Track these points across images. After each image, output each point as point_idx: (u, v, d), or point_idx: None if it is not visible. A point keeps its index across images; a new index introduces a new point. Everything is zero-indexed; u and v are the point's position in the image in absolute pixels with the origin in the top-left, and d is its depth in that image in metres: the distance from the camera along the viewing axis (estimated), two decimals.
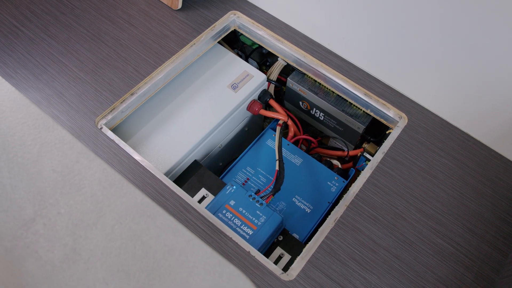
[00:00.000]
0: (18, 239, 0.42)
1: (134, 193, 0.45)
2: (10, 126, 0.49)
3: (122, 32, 0.98)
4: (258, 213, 0.85)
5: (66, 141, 0.48)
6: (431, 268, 0.75)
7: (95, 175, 0.46)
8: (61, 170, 0.46)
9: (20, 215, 0.43)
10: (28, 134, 0.49)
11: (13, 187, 0.45)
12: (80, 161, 0.47)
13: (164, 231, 0.43)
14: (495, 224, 0.80)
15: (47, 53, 0.94)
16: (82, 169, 0.46)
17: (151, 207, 0.44)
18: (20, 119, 0.50)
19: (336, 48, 0.98)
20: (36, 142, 0.48)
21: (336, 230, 0.78)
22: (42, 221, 0.43)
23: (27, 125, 0.50)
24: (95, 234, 0.42)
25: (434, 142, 0.88)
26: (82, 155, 0.47)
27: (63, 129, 0.49)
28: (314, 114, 1.11)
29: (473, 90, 0.86)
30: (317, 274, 0.74)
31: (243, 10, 1.04)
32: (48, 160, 0.47)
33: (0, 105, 0.51)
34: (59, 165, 0.46)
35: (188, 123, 0.95)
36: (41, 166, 0.46)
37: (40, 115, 0.51)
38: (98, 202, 0.44)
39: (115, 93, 0.90)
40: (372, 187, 0.83)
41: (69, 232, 0.42)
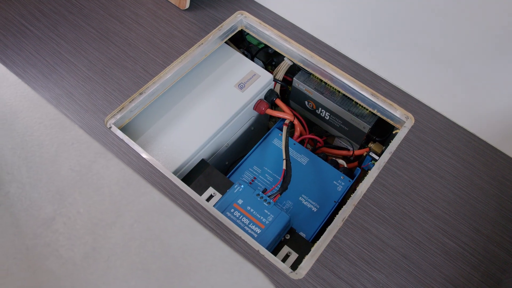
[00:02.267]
0: (39, 237, 0.42)
1: (152, 193, 0.45)
2: (27, 126, 0.50)
3: (130, 31, 0.98)
4: (266, 212, 0.86)
5: (83, 141, 0.49)
6: (438, 268, 0.76)
7: (113, 174, 0.47)
8: (79, 169, 0.47)
9: (40, 214, 0.44)
10: (45, 134, 0.49)
11: (32, 186, 0.46)
12: (97, 161, 0.47)
13: (182, 230, 0.43)
14: (501, 224, 0.80)
15: (56, 53, 0.94)
16: (100, 169, 0.47)
17: (169, 207, 0.45)
18: (37, 119, 0.51)
19: (343, 48, 0.98)
20: (54, 142, 0.49)
21: (345, 229, 0.79)
22: (62, 220, 0.43)
23: (44, 125, 0.50)
24: (114, 233, 0.42)
25: (440, 142, 0.88)
26: (99, 155, 0.48)
27: (80, 129, 0.49)
28: (319, 113, 1.12)
29: (479, 91, 0.86)
30: (326, 273, 0.74)
31: (250, 10, 1.04)
32: (66, 159, 0.47)
33: (18, 105, 0.51)
34: (77, 164, 0.47)
35: (195, 122, 0.96)
36: (59, 165, 0.47)
37: (57, 115, 0.51)
38: (116, 201, 0.44)
39: (124, 93, 0.90)
40: (380, 187, 0.83)
41: (88, 231, 0.43)
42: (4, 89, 0.53)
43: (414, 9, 0.83)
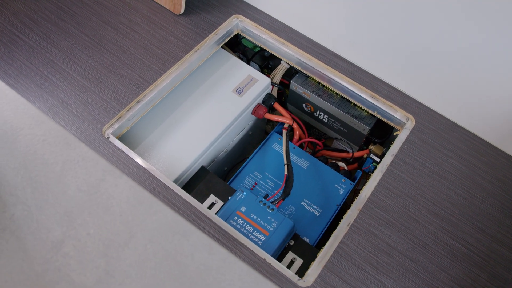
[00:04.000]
0: (49, 262, 0.41)
1: (164, 211, 0.44)
2: (30, 144, 0.48)
3: (125, 38, 0.97)
4: (269, 219, 0.85)
5: (90, 158, 0.47)
6: (445, 269, 0.76)
7: (122, 193, 0.45)
8: (87, 189, 0.45)
9: (48, 237, 0.42)
10: (49, 152, 0.48)
11: (39, 208, 0.44)
12: (106, 179, 0.46)
13: (198, 249, 0.42)
14: (505, 223, 0.81)
15: (49, 62, 0.92)
16: (108, 187, 0.45)
17: (183, 225, 0.43)
18: (40, 136, 0.49)
19: (341, 51, 0.98)
20: (58, 160, 0.47)
21: (351, 234, 0.78)
22: (72, 243, 0.42)
23: (48, 143, 0.48)
24: (127, 254, 0.41)
25: (442, 143, 0.88)
26: (107, 173, 0.46)
27: (86, 146, 0.48)
28: (317, 116, 1.11)
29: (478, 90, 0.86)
30: (334, 279, 0.74)
31: (246, 13, 1.03)
32: (72, 178, 0.46)
33: (18, 122, 0.50)
34: (85, 183, 0.45)
35: (194, 130, 0.94)
36: (65, 185, 0.45)
37: (61, 132, 0.49)
38: (128, 221, 0.43)
39: (121, 101, 0.88)
40: (384, 190, 0.83)
41: (100, 253, 0.41)
42: (3, 106, 0.51)
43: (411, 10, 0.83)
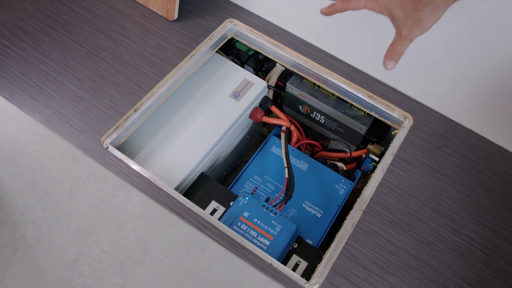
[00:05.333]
0: (64, 282, 0.40)
1: (178, 224, 0.43)
2: (36, 161, 0.47)
3: (119, 46, 0.95)
4: (273, 223, 0.85)
5: (99, 173, 0.47)
6: (450, 266, 0.77)
7: (134, 207, 0.45)
8: (98, 204, 0.44)
9: (62, 256, 0.41)
10: (57, 169, 0.47)
11: (50, 227, 0.43)
12: (117, 194, 0.45)
13: (215, 261, 0.42)
14: (505, 217, 0.82)
15: (42, 72, 0.90)
16: (120, 202, 0.45)
17: (199, 238, 0.43)
18: (47, 153, 0.48)
19: (336, 52, 0.98)
20: (67, 176, 0.46)
21: (355, 235, 0.79)
22: (87, 261, 0.41)
23: (55, 159, 0.48)
24: (144, 270, 0.41)
25: (440, 140, 0.89)
26: (118, 187, 0.46)
27: (94, 161, 0.47)
28: (314, 117, 1.12)
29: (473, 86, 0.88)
30: (341, 281, 0.74)
31: (240, 17, 1.03)
32: (83, 195, 0.45)
33: (23, 139, 0.49)
34: (96, 199, 0.45)
35: (193, 136, 0.94)
36: (76, 202, 0.45)
37: (68, 147, 0.49)
38: (142, 236, 0.43)
39: (118, 110, 0.87)
40: (386, 189, 0.83)
41: (116, 270, 0.41)
42: (6, 123, 0.50)
43: None
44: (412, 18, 0.56)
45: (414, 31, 0.58)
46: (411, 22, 0.57)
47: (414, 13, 0.56)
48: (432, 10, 0.55)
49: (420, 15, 0.56)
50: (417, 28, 0.57)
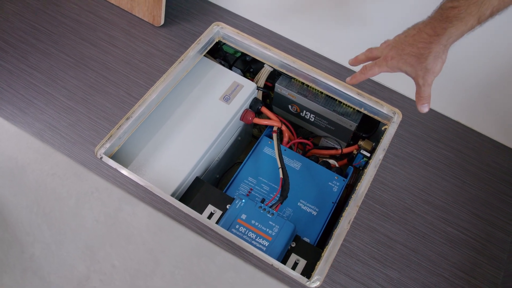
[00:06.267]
0: None
1: (186, 235, 0.44)
2: (39, 180, 0.47)
3: (107, 54, 0.95)
4: (270, 224, 0.86)
5: (103, 188, 0.47)
6: (445, 256, 0.79)
7: (141, 221, 0.45)
8: (105, 219, 0.45)
9: (73, 274, 0.41)
10: (61, 186, 0.47)
11: (58, 244, 0.43)
12: (122, 208, 0.46)
13: (225, 269, 0.42)
14: (496, 206, 0.84)
15: (30, 85, 0.89)
16: (126, 216, 0.45)
17: (207, 247, 0.44)
18: (48, 170, 0.48)
19: (324, 51, 0.99)
20: (71, 193, 0.46)
21: (352, 231, 0.80)
22: (98, 277, 0.41)
23: (58, 176, 0.48)
24: (156, 282, 0.41)
25: (429, 133, 0.91)
26: (123, 201, 0.46)
27: (97, 176, 0.47)
28: (304, 116, 1.13)
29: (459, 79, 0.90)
30: (342, 278, 0.76)
31: (226, 20, 1.03)
32: (88, 210, 0.45)
33: (24, 158, 0.48)
34: (102, 214, 0.45)
35: (186, 141, 0.94)
36: (82, 218, 0.45)
37: (69, 164, 0.49)
38: (151, 249, 0.43)
39: (110, 120, 0.87)
40: (379, 185, 0.85)
41: (128, 284, 0.41)
42: (5, 142, 0.49)
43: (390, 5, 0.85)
44: (421, 69, 0.63)
45: (427, 78, 0.64)
46: (422, 72, 0.63)
47: (420, 65, 0.62)
48: (434, 58, 0.60)
49: (427, 65, 0.61)
50: (429, 75, 0.63)
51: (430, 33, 0.56)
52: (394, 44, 0.64)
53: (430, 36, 0.57)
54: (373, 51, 0.71)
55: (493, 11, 0.51)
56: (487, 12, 0.51)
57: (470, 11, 0.51)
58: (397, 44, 0.64)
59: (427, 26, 0.57)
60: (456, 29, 0.54)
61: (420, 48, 0.59)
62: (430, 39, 0.57)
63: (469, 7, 0.51)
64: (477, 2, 0.50)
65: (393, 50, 0.64)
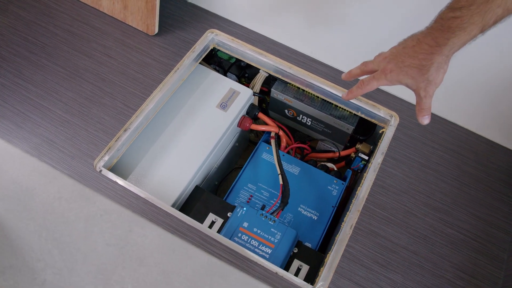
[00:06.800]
0: None
1: (199, 255, 0.44)
2: (46, 203, 0.47)
3: (102, 65, 0.94)
4: (272, 231, 0.86)
5: (112, 210, 0.47)
6: (447, 258, 0.80)
7: (152, 242, 0.45)
8: (116, 242, 0.44)
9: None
10: (68, 209, 0.46)
11: (70, 270, 0.43)
12: (133, 230, 0.45)
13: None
14: (495, 206, 0.86)
15: (25, 99, 0.88)
16: (137, 238, 0.45)
17: (220, 266, 0.44)
18: (55, 193, 0.47)
19: (319, 55, 0.99)
20: (80, 216, 0.46)
21: (355, 236, 0.81)
22: None
23: (65, 199, 0.47)
24: None
25: (426, 136, 0.92)
26: (133, 223, 0.46)
27: (105, 198, 0.47)
28: (300, 120, 1.13)
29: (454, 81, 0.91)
30: (346, 283, 0.76)
31: (220, 27, 1.03)
32: (98, 234, 0.45)
33: (29, 181, 0.48)
34: (112, 237, 0.45)
35: (185, 150, 0.94)
36: (93, 241, 0.44)
37: (75, 186, 0.48)
38: (164, 270, 0.43)
39: (108, 132, 0.86)
40: (379, 189, 0.86)
41: None
42: (9, 165, 0.49)
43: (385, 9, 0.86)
44: (422, 81, 0.61)
45: (429, 89, 0.62)
46: (423, 84, 0.61)
47: (422, 77, 0.60)
48: (437, 69, 0.59)
49: (429, 77, 0.60)
50: (431, 87, 0.62)
51: (432, 43, 0.56)
52: (392, 57, 0.63)
53: (432, 47, 0.56)
54: (368, 65, 0.70)
55: (497, 20, 0.51)
56: (490, 21, 0.51)
57: (473, 20, 0.51)
58: (395, 56, 0.62)
59: (427, 37, 0.57)
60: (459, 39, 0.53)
61: (421, 59, 0.58)
62: (432, 49, 0.56)
63: (472, 17, 0.50)
64: (480, 11, 0.50)
65: (391, 62, 0.63)
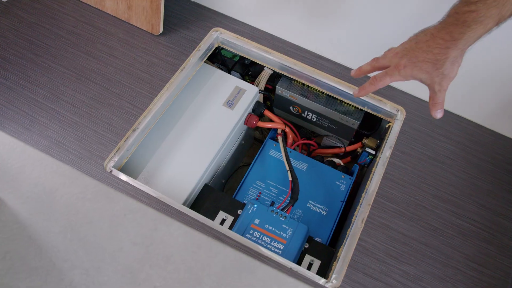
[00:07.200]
0: None
1: (225, 251, 0.44)
2: (69, 204, 0.47)
3: (107, 66, 0.94)
4: (284, 227, 0.87)
5: (136, 209, 0.47)
6: (458, 249, 0.81)
7: (178, 239, 0.45)
8: (142, 241, 0.45)
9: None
10: (92, 210, 0.46)
11: (97, 269, 0.43)
12: (158, 228, 0.46)
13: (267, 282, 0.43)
14: (502, 196, 0.87)
15: (32, 101, 0.88)
16: (163, 237, 0.45)
17: (247, 262, 0.44)
18: (78, 194, 0.48)
19: (324, 51, 1.00)
20: (104, 216, 0.46)
21: (367, 230, 0.81)
22: None
23: (88, 200, 0.47)
24: None
25: (433, 129, 0.93)
26: (158, 222, 0.46)
27: (128, 197, 0.47)
28: (306, 116, 1.13)
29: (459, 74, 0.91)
30: (360, 276, 0.77)
31: (224, 25, 1.03)
32: (124, 233, 0.45)
33: (50, 183, 0.48)
34: (138, 236, 0.45)
35: (193, 149, 0.94)
36: (119, 241, 0.45)
37: (98, 186, 0.48)
38: (191, 267, 0.43)
39: (117, 132, 0.86)
40: (389, 182, 0.86)
41: None
42: (30, 167, 0.49)
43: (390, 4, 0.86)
44: (437, 75, 0.61)
45: (444, 84, 0.62)
46: (438, 78, 0.61)
47: (437, 71, 0.60)
48: (452, 64, 0.59)
49: (443, 71, 0.60)
50: (445, 81, 0.62)
51: (447, 38, 0.56)
52: (405, 52, 0.63)
53: (447, 41, 0.56)
54: (379, 61, 0.69)
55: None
56: (507, 14, 0.51)
57: (490, 14, 0.51)
58: (408, 51, 0.62)
59: (441, 31, 0.57)
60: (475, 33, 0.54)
61: (436, 54, 0.58)
62: (447, 44, 0.56)
63: (488, 10, 0.51)
64: (498, 4, 0.50)
65: (404, 58, 0.62)
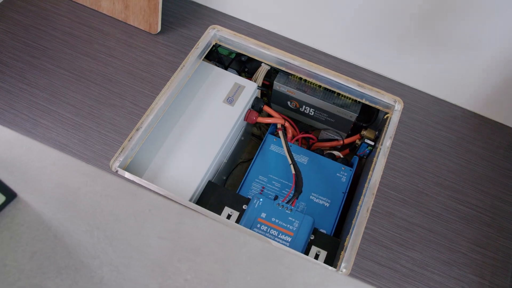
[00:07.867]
0: None
1: (252, 241, 0.45)
2: (93, 203, 0.47)
3: (107, 66, 0.93)
4: (290, 219, 0.88)
5: (160, 205, 0.47)
6: (460, 233, 0.83)
7: (205, 232, 0.46)
8: (168, 235, 0.45)
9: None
10: (116, 207, 0.47)
11: (126, 265, 0.43)
12: (183, 222, 0.46)
13: (294, 270, 0.44)
14: (500, 181, 0.89)
15: (32, 104, 0.87)
16: (189, 230, 0.46)
17: (274, 251, 0.45)
18: (101, 192, 0.48)
19: (321, 46, 1.01)
20: (129, 213, 0.46)
21: (372, 219, 0.83)
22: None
23: (112, 197, 0.47)
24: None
25: (430, 118, 0.95)
26: (183, 216, 0.47)
27: (151, 193, 0.48)
28: (303, 111, 1.15)
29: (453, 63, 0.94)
30: (368, 264, 0.79)
31: (221, 23, 1.03)
32: (150, 229, 0.45)
33: (72, 181, 0.48)
34: (164, 231, 0.45)
35: (196, 146, 0.94)
36: (145, 236, 0.45)
37: (120, 183, 0.49)
38: (220, 259, 0.44)
39: (120, 132, 0.86)
40: (391, 171, 0.88)
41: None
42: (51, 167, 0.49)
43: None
44: None
45: None
46: None
47: None
48: None
49: None
50: None
51: None
52: None
53: None
54: None
55: None
56: None
57: None
58: None
59: None
60: None
61: None
62: None
63: None
64: None
65: None
